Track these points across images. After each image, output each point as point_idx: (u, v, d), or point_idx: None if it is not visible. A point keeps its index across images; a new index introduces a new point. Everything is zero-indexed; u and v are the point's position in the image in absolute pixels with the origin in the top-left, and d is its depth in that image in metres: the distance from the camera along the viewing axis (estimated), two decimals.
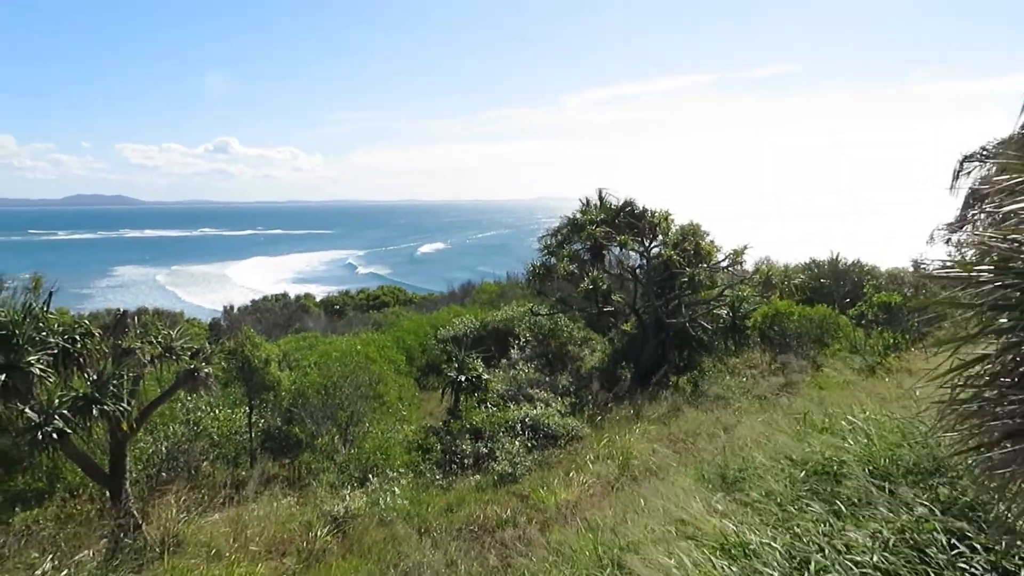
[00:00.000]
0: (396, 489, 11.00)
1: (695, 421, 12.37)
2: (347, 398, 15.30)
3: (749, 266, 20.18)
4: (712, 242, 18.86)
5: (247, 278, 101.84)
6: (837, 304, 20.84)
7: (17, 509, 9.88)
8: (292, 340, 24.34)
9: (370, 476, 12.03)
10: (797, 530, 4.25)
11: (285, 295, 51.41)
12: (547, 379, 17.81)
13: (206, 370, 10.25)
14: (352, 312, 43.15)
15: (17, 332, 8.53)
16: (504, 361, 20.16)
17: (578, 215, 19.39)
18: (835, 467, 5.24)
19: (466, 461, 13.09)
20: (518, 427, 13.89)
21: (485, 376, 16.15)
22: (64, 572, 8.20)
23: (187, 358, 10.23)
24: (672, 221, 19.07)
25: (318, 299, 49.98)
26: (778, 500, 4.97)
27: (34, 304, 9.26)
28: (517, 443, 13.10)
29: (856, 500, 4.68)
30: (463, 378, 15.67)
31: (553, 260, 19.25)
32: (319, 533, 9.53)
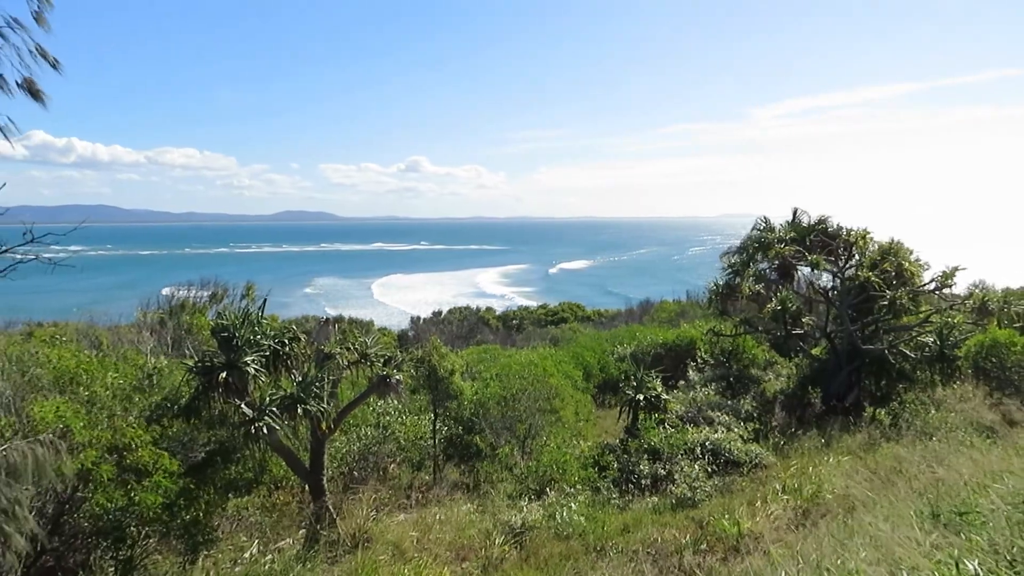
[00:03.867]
0: (573, 504, 10.98)
1: (896, 455, 11.35)
2: (526, 411, 15.55)
3: (961, 289, 18.23)
4: (917, 261, 17.21)
5: (381, 294, 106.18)
6: None
7: (230, 496, 10.79)
8: (474, 351, 25.10)
9: (547, 489, 12.11)
10: None
11: (467, 307, 53.32)
12: (728, 402, 17.11)
13: (397, 377, 10.79)
14: (530, 327, 43.94)
15: (237, 334, 9.45)
16: (682, 382, 19.64)
17: (766, 233, 18.44)
18: None
19: (643, 482, 12.81)
20: (698, 450, 13.42)
21: (664, 396, 15.79)
22: (268, 556, 8.93)
23: (380, 365, 10.84)
24: (871, 240, 17.65)
25: (497, 313, 51.40)
26: (1010, 545, 4.42)
27: (251, 310, 10.22)
28: (697, 467, 12.67)
29: None
30: (641, 397, 15.43)
31: (737, 279, 18.44)
32: (497, 541, 9.70)
